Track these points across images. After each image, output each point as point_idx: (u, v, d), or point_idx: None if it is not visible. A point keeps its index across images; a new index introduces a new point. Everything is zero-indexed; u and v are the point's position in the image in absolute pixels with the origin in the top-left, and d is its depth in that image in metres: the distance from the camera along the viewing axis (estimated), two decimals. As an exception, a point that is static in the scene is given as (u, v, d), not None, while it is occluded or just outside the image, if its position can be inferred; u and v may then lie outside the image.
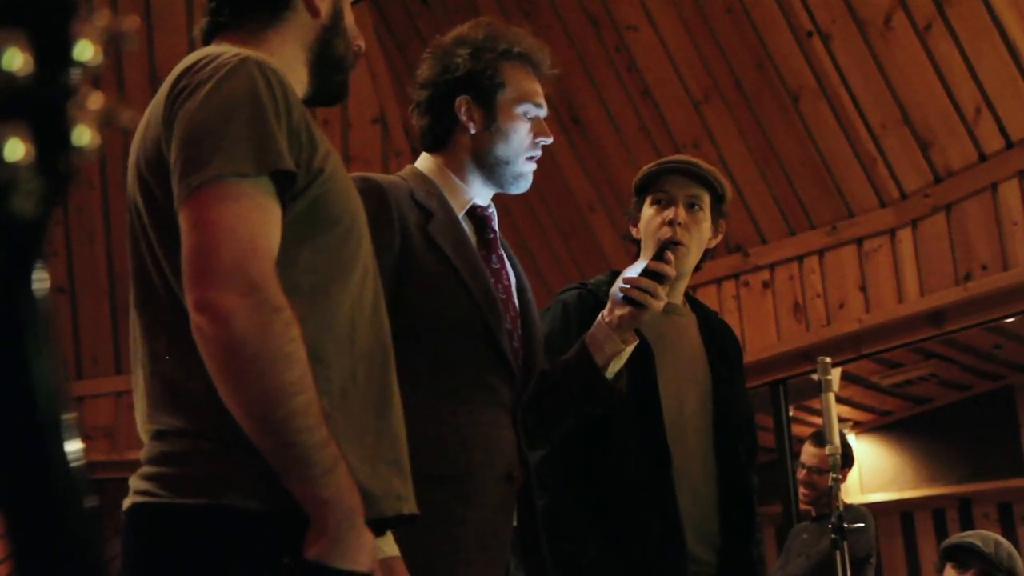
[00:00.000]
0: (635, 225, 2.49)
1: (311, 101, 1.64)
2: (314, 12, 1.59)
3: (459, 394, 1.91)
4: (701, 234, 2.43)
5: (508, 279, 2.05)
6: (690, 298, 2.58)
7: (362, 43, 1.69)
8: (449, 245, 1.94)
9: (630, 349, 2.14)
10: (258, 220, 1.35)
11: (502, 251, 2.08)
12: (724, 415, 2.43)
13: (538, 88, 2.09)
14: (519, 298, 2.07)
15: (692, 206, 2.42)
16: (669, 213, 2.40)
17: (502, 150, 2.04)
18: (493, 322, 1.93)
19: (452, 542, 1.84)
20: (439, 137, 2.07)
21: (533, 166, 2.08)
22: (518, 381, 1.98)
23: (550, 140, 2.09)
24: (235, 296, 1.30)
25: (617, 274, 2.47)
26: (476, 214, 2.06)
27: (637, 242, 2.48)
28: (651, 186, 2.46)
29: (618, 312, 2.10)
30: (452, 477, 1.87)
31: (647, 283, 2.10)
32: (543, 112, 2.09)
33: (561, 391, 2.14)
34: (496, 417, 1.93)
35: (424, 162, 2.09)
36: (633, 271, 2.15)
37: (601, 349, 2.11)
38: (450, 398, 1.90)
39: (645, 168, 2.50)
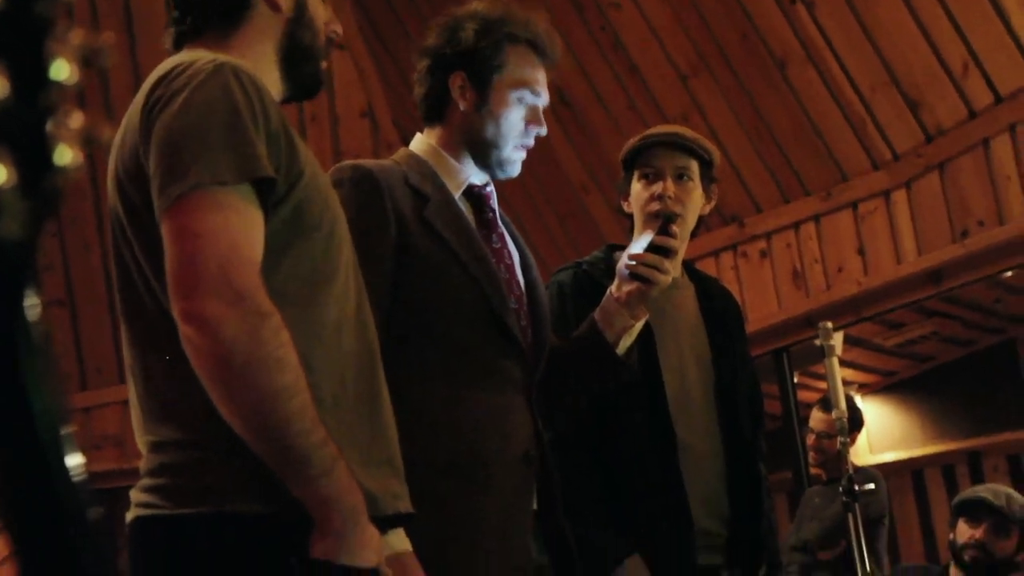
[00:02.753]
0: (626, 199, 2.47)
1: (289, 97, 1.62)
2: (274, 6, 1.56)
3: (470, 378, 1.89)
4: (693, 203, 2.41)
5: (510, 257, 2.03)
6: (689, 268, 2.57)
7: (338, 28, 1.64)
8: (447, 229, 1.92)
9: (640, 324, 2.13)
10: (240, 228, 1.34)
11: (502, 229, 2.05)
12: (727, 386, 2.42)
13: (539, 76, 2.04)
14: (524, 275, 2.04)
15: (681, 177, 2.40)
16: (658, 187, 2.38)
17: (491, 133, 2.00)
18: (498, 303, 1.91)
19: (471, 531, 1.82)
20: (433, 109, 2.05)
21: (523, 153, 2.05)
22: (529, 359, 1.96)
23: (544, 130, 2.05)
24: (222, 305, 1.29)
25: (613, 248, 2.46)
26: (474, 193, 2.03)
27: (630, 216, 2.48)
28: (638, 160, 2.43)
29: (626, 288, 2.08)
30: (467, 464, 1.85)
31: (653, 258, 2.08)
32: (541, 101, 2.04)
33: (572, 369, 2.13)
34: (509, 399, 1.91)
35: (418, 144, 2.07)
36: (638, 247, 2.13)
37: (611, 325, 2.09)
38: (461, 383, 1.88)
39: (630, 143, 2.47)
